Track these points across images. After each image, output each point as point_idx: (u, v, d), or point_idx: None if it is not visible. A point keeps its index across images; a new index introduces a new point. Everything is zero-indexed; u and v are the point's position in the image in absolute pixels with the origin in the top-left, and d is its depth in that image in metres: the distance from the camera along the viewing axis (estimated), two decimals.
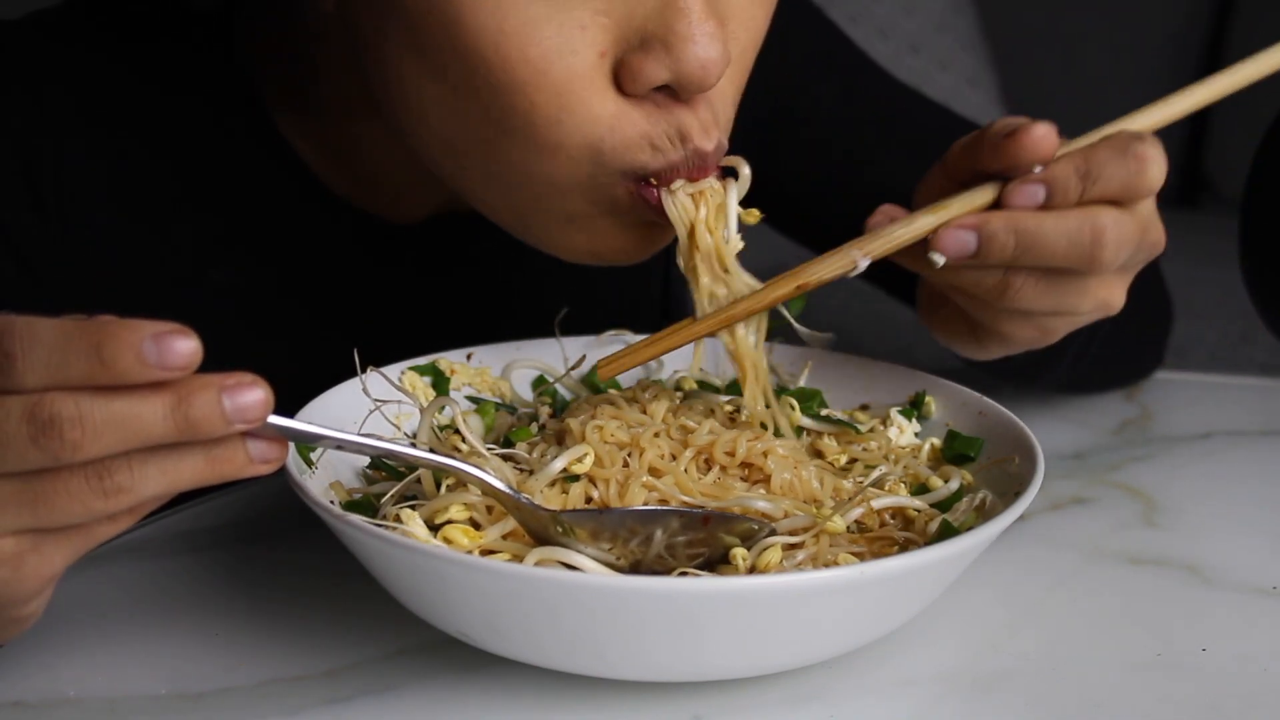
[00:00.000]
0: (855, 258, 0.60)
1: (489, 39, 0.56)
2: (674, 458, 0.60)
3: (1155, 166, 0.59)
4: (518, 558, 0.53)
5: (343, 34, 0.65)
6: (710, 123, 0.60)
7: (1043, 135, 0.58)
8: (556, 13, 0.55)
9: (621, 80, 0.57)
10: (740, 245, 0.62)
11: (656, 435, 0.61)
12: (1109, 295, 0.63)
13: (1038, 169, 0.59)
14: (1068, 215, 0.59)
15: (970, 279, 0.61)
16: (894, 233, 0.61)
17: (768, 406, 0.64)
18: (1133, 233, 0.60)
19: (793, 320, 0.64)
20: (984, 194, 0.61)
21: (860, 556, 0.56)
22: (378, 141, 0.72)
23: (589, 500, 0.58)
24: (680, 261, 0.62)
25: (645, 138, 0.59)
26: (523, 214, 0.64)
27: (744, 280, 0.62)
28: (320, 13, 0.64)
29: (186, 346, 0.41)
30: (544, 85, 0.56)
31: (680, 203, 0.61)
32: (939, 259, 0.59)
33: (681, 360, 0.75)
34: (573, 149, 0.58)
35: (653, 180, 0.60)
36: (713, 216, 0.61)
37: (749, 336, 0.63)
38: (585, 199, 0.61)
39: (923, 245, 0.60)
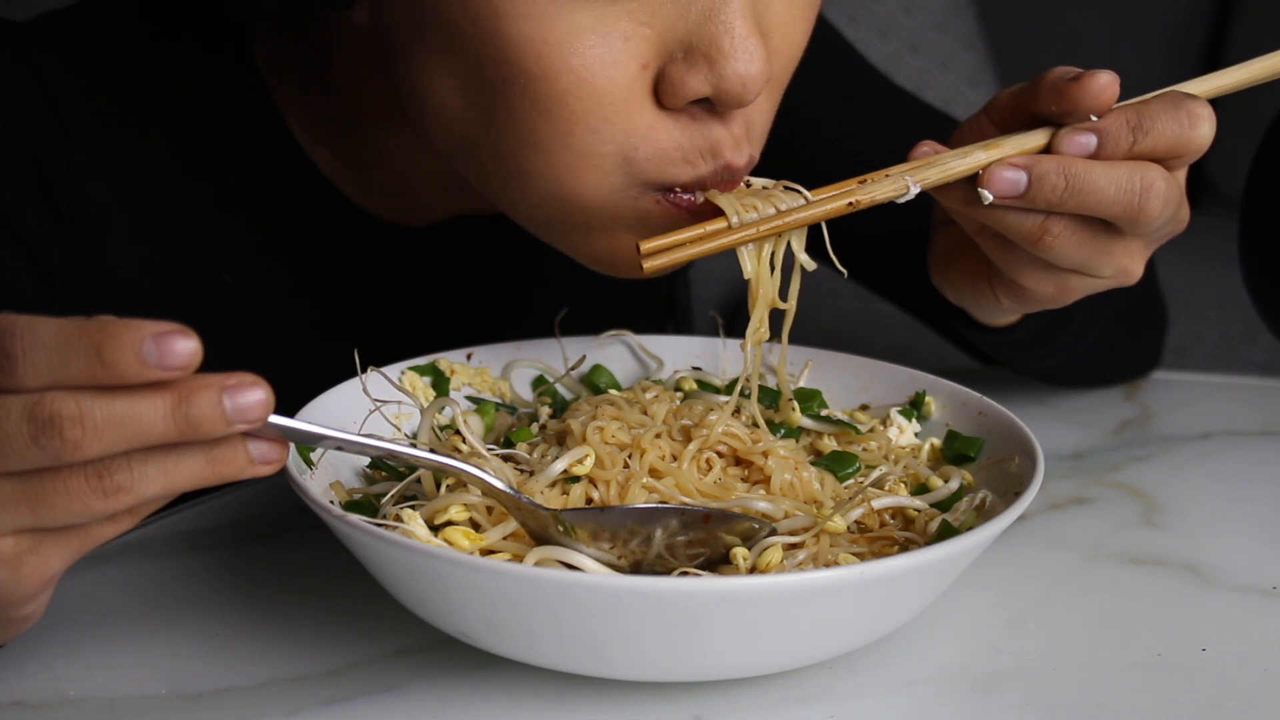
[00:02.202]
0: (908, 183, 0.60)
1: (531, 50, 0.56)
2: (674, 459, 0.60)
3: (1206, 124, 0.59)
4: (518, 558, 0.53)
5: (369, 44, 0.65)
6: (742, 137, 0.60)
7: (1106, 84, 0.58)
8: (600, 24, 0.55)
9: (660, 92, 0.57)
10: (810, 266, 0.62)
11: (657, 436, 0.61)
12: (1130, 263, 0.63)
13: (1092, 119, 0.59)
14: (1119, 166, 0.59)
15: (1009, 221, 0.60)
16: (947, 163, 0.60)
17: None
18: (1176, 195, 0.60)
19: (826, 235, 0.63)
20: (1036, 137, 0.60)
21: (860, 556, 0.56)
22: (397, 148, 0.72)
23: (589, 501, 0.58)
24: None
25: (679, 150, 0.59)
26: (546, 229, 0.64)
27: (793, 191, 0.61)
28: (350, 24, 0.64)
29: (186, 346, 0.41)
30: (584, 94, 0.56)
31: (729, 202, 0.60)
32: (987, 195, 0.59)
33: (682, 360, 0.75)
34: (604, 159, 0.58)
35: (677, 189, 0.60)
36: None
37: (763, 265, 0.61)
38: (608, 213, 0.61)
39: (969, 182, 0.60)
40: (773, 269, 0.61)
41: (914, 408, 0.70)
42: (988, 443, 0.65)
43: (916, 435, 0.69)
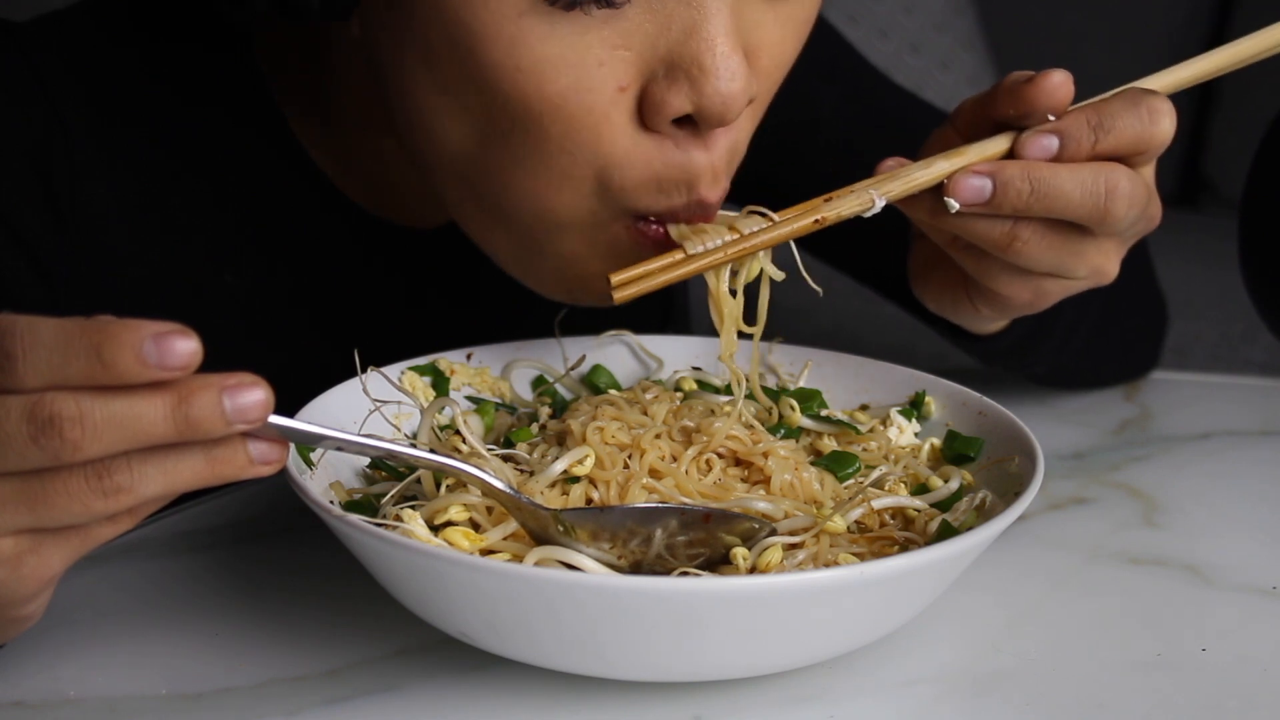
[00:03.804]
0: (873, 196, 0.60)
1: (506, 75, 0.55)
2: (674, 459, 0.60)
3: (1166, 119, 0.59)
4: (518, 558, 0.53)
5: (365, 54, 0.65)
6: (721, 169, 0.60)
7: (1060, 82, 0.58)
8: (572, 52, 0.55)
9: (643, 111, 0.57)
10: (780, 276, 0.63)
11: (657, 437, 0.61)
12: (1105, 262, 0.63)
13: (1051, 119, 0.59)
14: (1083, 168, 0.59)
15: (978, 229, 0.61)
16: (911, 175, 0.60)
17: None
18: (1142, 193, 0.60)
19: (797, 255, 0.63)
20: (998, 143, 0.61)
21: (860, 556, 0.56)
22: (395, 154, 0.72)
23: (589, 502, 0.58)
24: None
25: (654, 178, 0.59)
26: (519, 250, 0.64)
27: (758, 214, 0.61)
28: (344, 34, 0.64)
29: (186, 346, 0.41)
30: (559, 119, 0.56)
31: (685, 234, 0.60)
32: (953, 204, 0.59)
33: (682, 360, 0.75)
34: (582, 181, 0.58)
35: (652, 218, 0.60)
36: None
37: (722, 284, 0.62)
38: (583, 238, 0.61)
39: (935, 192, 0.60)
40: (734, 294, 0.62)
41: (914, 408, 0.70)
42: (988, 443, 0.65)
43: (916, 435, 0.69)
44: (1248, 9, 2.36)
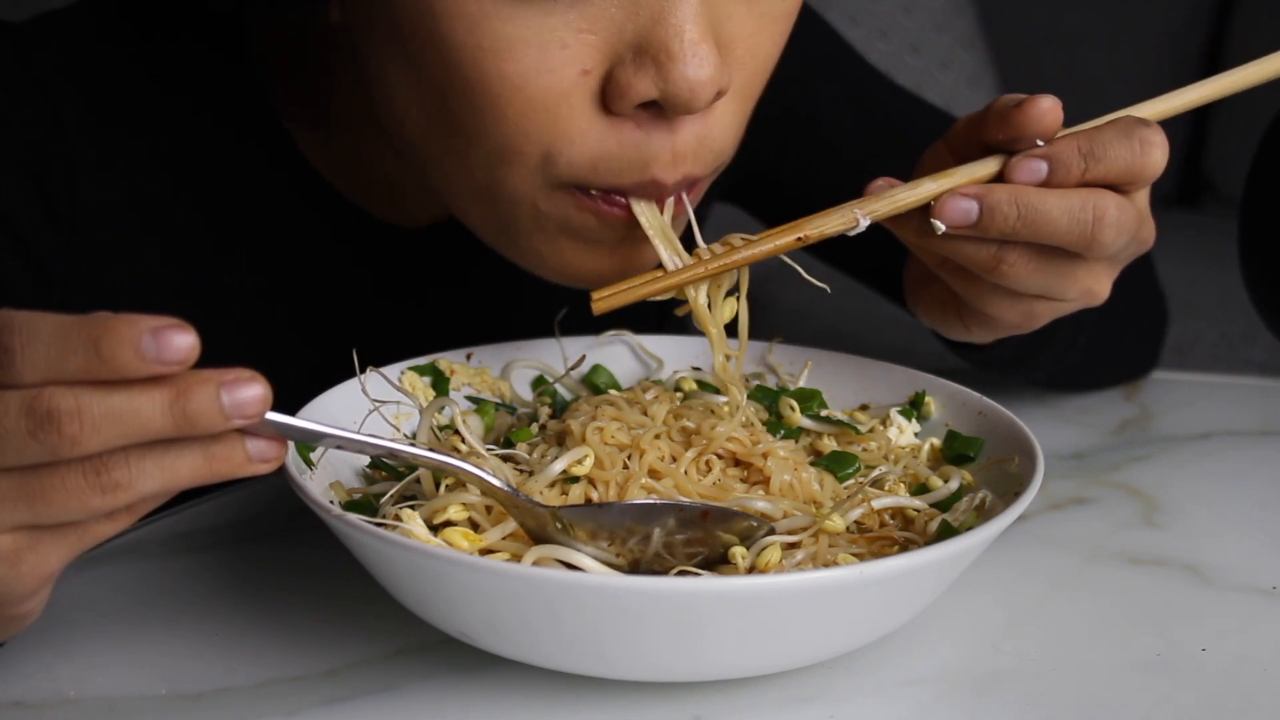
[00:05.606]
0: (857, 215, 0.60)
1: (468, 54, 0.55)
2: (674, 460, 0.60)
3: (1159, 150, 0.59)
4: (517, 557, 0.53)
5: (347, 41, 0.65)
6: (686, 152, 0.59)
7: (1048, 108, 0.58)
8: (534, 33, 0.55)
9: (607, 95, 0.57)
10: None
11: (657, 437, 0.61)
12: (1095, 284, 0.63)
13: (1040, 144, 0.59)
14: (1071, 194, 0.59)
15: (965, 251, 0.61)
16: (897, 195, 0.60)
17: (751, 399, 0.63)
18: (1132, 221, 0.60)
19: (793, 262, 0.64)
20: (988, 166, 0.60)
21: (860, 556, 0.56)
22: (392, 153, 0.72)
23: (588, 502, 0.58)
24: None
25: (604, 156, 0.58)
26: (495, 230, 0.64)
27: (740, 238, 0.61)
28: (328, 23, 0.64)
29: (184, 341, 0.41)
30: (517, 100, 0.56)
31: (647, 212, 0.60)
32: (939, 226, 0.59)
33: (682, 360, 0.75)
34: (529, 157, 0.58)
35: (595, 191, 0.60)
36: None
37: (701, 298, 0.62)
38: (532, 210, 0.61)
39: (922, 212, 0.60)
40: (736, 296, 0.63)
41: (914, 408, 0.70)
42: (988, 443, 0.65)
43: (916, 435, 0.69)
44: (1248, 9, 2.36)
